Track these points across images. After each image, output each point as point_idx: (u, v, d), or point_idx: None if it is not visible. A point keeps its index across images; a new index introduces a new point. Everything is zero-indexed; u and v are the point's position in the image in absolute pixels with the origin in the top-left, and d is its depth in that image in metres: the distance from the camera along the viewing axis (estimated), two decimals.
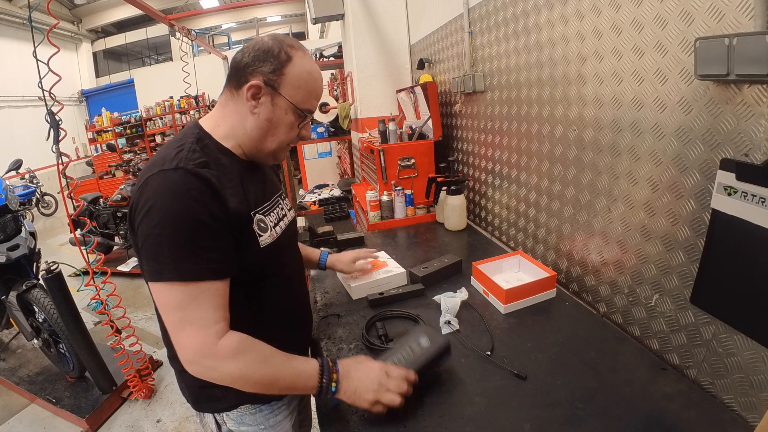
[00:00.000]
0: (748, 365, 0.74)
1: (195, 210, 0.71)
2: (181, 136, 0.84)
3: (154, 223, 0.70)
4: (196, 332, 0.72)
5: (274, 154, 0.89)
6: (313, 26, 5.66)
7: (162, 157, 0.77)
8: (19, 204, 2.70)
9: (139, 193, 0.73)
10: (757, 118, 0.68)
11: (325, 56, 3.96)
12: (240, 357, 0.74)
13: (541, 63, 1.28)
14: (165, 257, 0.70)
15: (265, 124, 0.83)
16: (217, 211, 0.74)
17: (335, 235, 1.75)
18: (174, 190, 0.71)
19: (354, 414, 0.83)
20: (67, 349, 2.32)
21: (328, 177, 5.12)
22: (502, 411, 0.81)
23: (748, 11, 0.66)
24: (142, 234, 0.72)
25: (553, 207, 1.32)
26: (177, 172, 0.72)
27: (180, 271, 0.71)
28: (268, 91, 0.81)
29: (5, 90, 9.28)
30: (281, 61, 0.80)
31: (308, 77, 0.84)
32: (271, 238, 0.86)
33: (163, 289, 0.72)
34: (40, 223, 7.48)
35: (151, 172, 0.74)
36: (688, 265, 0.86)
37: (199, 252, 0.72)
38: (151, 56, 13.25)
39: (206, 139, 0.83)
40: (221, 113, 0.86)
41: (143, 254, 0.73)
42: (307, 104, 0.85)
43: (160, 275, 0.71)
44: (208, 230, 0.73)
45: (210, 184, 0.74)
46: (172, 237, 0.70)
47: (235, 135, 0.85)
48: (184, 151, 0.76)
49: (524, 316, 1.13)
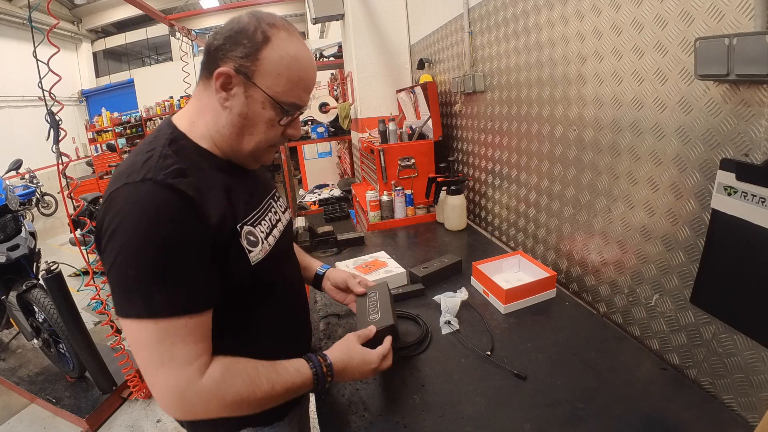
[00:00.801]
0: (748, 365, 0.74)
1: (167, 231, 0.60)
2: (151, 138, 0.71)
3: (118, 249, 0.59)
4: (173, 373, 0.61)
5: (253, 155, 0.77)
6: (313, 26, 5.65)
7: (128, 167, 0.64)
8: (19, 204, 2.70)
9: (104, 211, 0.62)
10: (757, 118, 0.68)
11: (325, 56, 3.96)
12: (227, 390, 0.64)
13: (541, 63, 1.28)
14: (133, 289, 0.60)
15: (239, 120, 0.71)
16: (194, 231, 0.63)
17: (335, 235, 1.75)
18: (141, 208, 0.60)
19: (354, 414, 0.83)
20: (67, 349, 2.32)
21: (328, 177, 5.13)
22: (502, 411, 0.81)
23: (748, 11, 0.66)
24: (107, 261, 0.61)
25: (553, 207, 1.32)
26: (144, 185, 0.61)
27: (150, 307, 0.60)
28: (240, 80, 0.68)
29: (5, 90, 9.29)
30: (256, 43, 0.67)
31: (291, 63, 0.69)
32: (263, 252, 0.75)
33: (133, 326, 0.61)
34: (40, 223, 7.48)
35: (115, 186, 0.62)
36: (688, 265, 0.86)
37: (173, 282, 0.61)
38: (151, 56, 13.24)
39: (181, 139, 0.71)
40: (196, 108, 0.74)
41: (109, 284, 0.62)
42: (292, 96, 0.71)
43: (127, 310, 0.60)
44: (184, 255, 0.62)
45: (185, 198, 0.62)
46: (140, 265, 0.59)
47: (210, 134, 0.73)
48: (154, 158, 0.64)
49: (524, 316, 1.13)
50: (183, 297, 0.62)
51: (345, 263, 1.47)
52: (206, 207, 0.65)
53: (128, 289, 0.60)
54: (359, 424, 0.81)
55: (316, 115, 4.28)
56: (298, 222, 1.54)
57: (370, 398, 0.87)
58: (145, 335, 0.61)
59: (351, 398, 0.88)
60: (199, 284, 0.64)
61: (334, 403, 0.88)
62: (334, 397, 0.89)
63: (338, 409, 0.86)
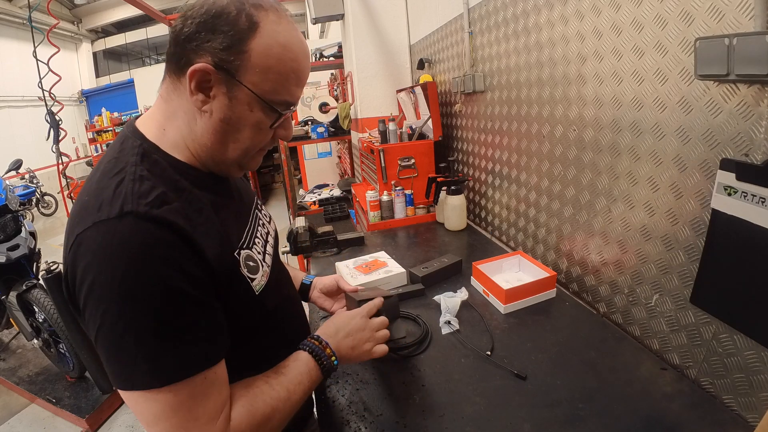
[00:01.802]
0: (748, 365, 0.74)
1: (162, 277, 0.49)
2: (115, 154, 0.57)
3: (104, 309, 0.48)
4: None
5: (239, 163, 0.64)
6: (313, 26, 5.65)
7: (94, 196, 0.51)
8: (19, 204, 2.70)
9: (73, 259, 0.49)
10: (757, 118, 0.68)
11: (325, 56, 3.96)
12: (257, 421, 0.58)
13: (541, 63, 1.28)
14: (133, 357, 0.48)
15: (221, 126, 0.58)
16: (193, 269, 0.52)
17: (335, 235, 1.75)
18: (125, 253, 0.47)
19: (354, 414, 0.83)
20: (67, 349, 2.32)
21: (328, 177, 5.13)
22: (502, 411, 0.81)
23: (748, 11, 0.66)
24: (91, 324, 0.50)
25: (553, 207, 1.32)
26: (123, 221, 0.48)
27: (160, 375, 0.49)
28: (220, 79, 0.55)
29: (5, 90, 9.28)
30: (240, 31, 0.54)
31: (283, 53, 0.57)
32: (265, 278, 0.66)
33: (141, 399, 0.50)
34: (40, 223, 7.48)
35: (83, 226, 0.49)
36: (688, 265, 0.86)
37: (182, 339, 0.50)
38: (151, 56, 13.23)
39: (153, 152, 0.58)
40: (164, 111, 0.61)
41: (100, 352, 0.51)
42: (284, 94, 0.59)
43: (131, 382, 0.49)
44: (187, 300, 0.51)
45: (177, 231, 0.51)
46: (138, 326, 0.48)
47: (185, 143, 0.60)
48: (127, 182, 0.52)
49: (524, 316, 1.13)
50: (197, 353, 0.52)
51: (345, 263, 1.47)
52: (200, 237, 0.54)
53: (127, 357, 0.49)
54: (359, 424, 0.81)
55: (316, 115, 4.29)
56: (298, 222, 1.54)
57: (370, 398, 0.87)
58: (160, 407, 0.50)
59: (351, 398, 0.88)
60: (212, 331, 0.54)
61: (334, 403, 0.88)
62: (334, 397, 0.89)
63: (338, 409, 0.86)
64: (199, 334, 0.52)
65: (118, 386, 0.50)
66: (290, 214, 3.46)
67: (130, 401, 0.51)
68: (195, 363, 0.52)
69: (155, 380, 0.49)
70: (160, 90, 0.62)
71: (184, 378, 0.50)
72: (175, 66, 0.58)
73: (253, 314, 0.64)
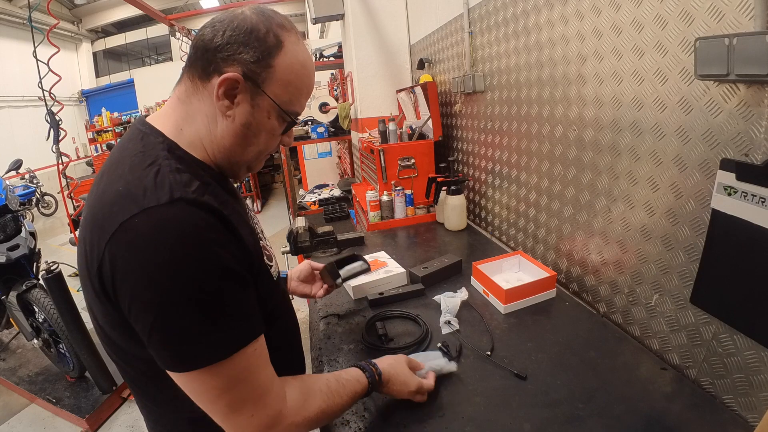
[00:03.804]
0: (748, 365, 0.74)
1: (219, 255, 0.53)
2: (140, 148, 0.60)
3: (162, 294, 0.50)
4: (259, 407, 0.57)
5: (249, 165, 0.71)
6: (313, 26, 5.65)
7: (134, 186, 0.53)
8: (19, 204, 2.70)
9: (115, 246, 0.50)
10: (757, 118, 0.68)
11: (325, 56, 3.96)
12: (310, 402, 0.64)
13: (541, 63, 1.28)
14: (195, 335, 0.52)
15: (242, 130, 0.63)
16: (238, 252, 0.58)
17: (335, 235, 1.75)
18: (182, 234, 0.51)
19: (354, 414, 0.83)
20: (67, 349, 2.32)
21: (328, 177, 5.14)
22: (502, 411, 0.81)
23: (748, 11, 0.66)
24: (144, 308, 0.51)
25: (553, 207, 1.32)
26: (176, 206, 0.52)
27: (223, 348, 0.54)
28: (247, 88, 0.61)
29: (5, 90, 9.28)
30: (269, 47, 0.60)
31: (301, 71, 0.64)
32: (277, 267, 0.73)
33: (202, 376, 0.53)
34: (40, 223, 7.48)
35: (127, 214, 0.50)
36: (688, 265, 0.86)
37: (239, 314, 0.56)
38: (151, 56, 13.23)
39: (176, 149, 0.62)
40: (182, 112, 0.64)
41: (156, 337, 0.52)
42: (296, 105, 0.67)
43: (194, 361, 0.53)
44: (238, 279, 0.56)
45: (222, 217, 0.56)
46: (200, 304, 0.51)
47: (203, 143, 0.64)
48: (165, 172, 0.55)
49: (524, 316, 1.13)
50: (247, 327, 0.57)
51: None
52: (238, 225, 0.59)
53: (190, 337, 0.52)
54: (359, 425, 0.81)
55: (316, 115, 4.29)
56: (298, 222, 1.54)
57: (370, 399, 0.87)
58: (220, 380, 0.54)
59: None
60: (255, 307, 0.60)
61: None
62: None
63: None
64: (248, 310, 0.58)
65: (181, 368, 0.54)
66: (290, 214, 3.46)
67: (191, 382, 0.55)
68: (247, 331, 0.57)
69: (218, 353, 0.53)
70: (176, 91, 0.66)
71: (240, 348, 0.55)
72: (201, 71, 0.62)
73: (273, 300, 0.70)
